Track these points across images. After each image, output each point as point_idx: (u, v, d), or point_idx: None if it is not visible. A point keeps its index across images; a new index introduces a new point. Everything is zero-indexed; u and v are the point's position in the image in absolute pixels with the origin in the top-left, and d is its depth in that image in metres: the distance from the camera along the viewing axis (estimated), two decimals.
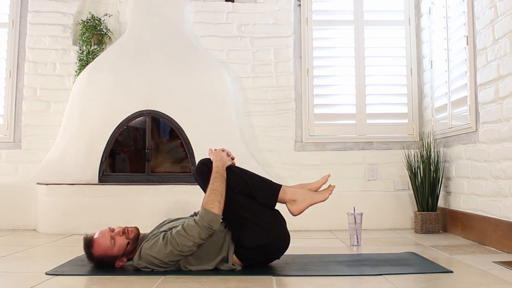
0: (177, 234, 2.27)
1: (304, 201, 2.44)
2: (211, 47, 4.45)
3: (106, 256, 2.35)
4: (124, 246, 2.35)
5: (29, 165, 4.31)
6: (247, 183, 2.43)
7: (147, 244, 2.34)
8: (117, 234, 2.35)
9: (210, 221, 2.26)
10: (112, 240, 2.34)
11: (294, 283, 2.12)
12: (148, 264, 2.33)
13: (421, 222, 3.78)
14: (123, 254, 2.37)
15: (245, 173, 2.49)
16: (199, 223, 2.26)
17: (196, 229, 2.25)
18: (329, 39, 4.52)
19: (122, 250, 2.35)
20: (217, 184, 2.35)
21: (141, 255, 2.34)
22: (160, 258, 2.29)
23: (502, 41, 2.94)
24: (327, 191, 2.48)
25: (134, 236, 2.38)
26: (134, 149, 4.31)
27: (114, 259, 2.36)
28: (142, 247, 2.35)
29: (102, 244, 2.33)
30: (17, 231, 3.96)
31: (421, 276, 2.26)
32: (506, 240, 2.87)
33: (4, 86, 4.45)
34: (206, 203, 2.30)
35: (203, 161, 2.54)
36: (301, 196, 2.44)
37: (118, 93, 4.19)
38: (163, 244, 2.28)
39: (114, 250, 2.34)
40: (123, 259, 2.39)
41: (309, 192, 2.47)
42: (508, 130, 2.87)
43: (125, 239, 2.35)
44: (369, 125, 4.38)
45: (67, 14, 4.51)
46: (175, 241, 2.26)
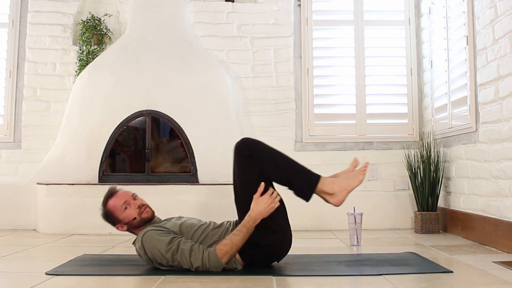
0: (181, 250, 2.27)
1: (342, 192, 2.36)
2: (211, 47, 4.45)
3: (111, 214, 2.46)
4: (131, 218, 2.44)
5: (29, 165, 4.31)
6: (285, 171, 2.36)
7: (153, 232, 2.32)
8: (133, 204, 2.46)
9: (213, 266, 2.26)
10: (125, 205, 2.44)
11: (294, 283, 2.12)
12: (143, 249, 2.33)
13: (421, 222, 3.78)
14: (127, 223, 2.45)
15: (284, 159, 2.40)
16: (204, 260, 2.25)
17: (199, 261, 2.26)
18: (329, 39, 4.52)
19: (127, 220, 2.45)
20: (238, 238, 2.29)
21: (143, 239, 2.33)
22: (156, 254, 2.30)
23: (502, 41, 2.94)
24: (360, 172, 2.40)
25: (145, 217, 2.46)
26: (134, 149, 4.31)
27: (117, 221, 2.46)
28: (146, 232, 2.34)
29: (116, 203, 2.46)
30: (17, 231, 3.96)
31: (421, 276, 2.26)
32: (506, 240, 2.87)
33: (4, 86, 4.45)
34: (220, 250, 2.27)
35: (248, 142, 2.42)
36: (337, 187, 2.36)
37: (118, 93, 4.19)
38: (167, 245, 2.28)
39: (121, 215, 2.45)
40: (124, 226, 2.47)
41: (345, 180, 2.38)
42: (508, 130, 2.87)
43: (135, 213, 2.43)
44: (369, 125, 4.38)
45: (67, 14, 4.51)
46: (178, 254, 2.27)
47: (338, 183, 2.37)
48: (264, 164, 2.37)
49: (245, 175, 2.40)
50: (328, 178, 2.40)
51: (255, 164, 2.37)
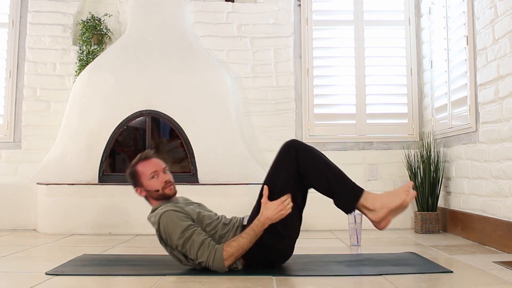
0: (193, 241, 2.25)
1: (383, 209, 2.25)
2: (211, 47, 4.45)
3: (138, 176, 2.49)
4: (153, 189, 2.46)
5: (29, 165, 4.31)
6: (329, 180, 2.31)
7: (173, 214, 2.31)
8: (162, 177, 2.47)
9: (216, 266, 2.25)
10: (154, 174, 2.47)
11: (294, 283, 2.12)
12: (158, 227, 2.33)
13: (421, 222, 3.78)
14: (147, 191, 2.47)
15: (329, 168, 2.35)
16: (209, 258, 2.24)
17: (204, 257, 2.25)
18: (329, 39, 4.52)
19: (149, 188, 2.46)
20: (245, 241, 2.27)
21: (160, 218, 2.31)
22: (169, 235, 2.29)
23: (502, 41, 2.94)
24: (403, 191, 2.27)
25: (167, 193, 2.47)
26: (134, 149, 4.30)
27: (140, 185, 2.48)
28: (166, 211, 2.33)
29: (146, 168, 2.48)
30: (17, 231, 3.96)
31: (421, 276, 2.25)
32: (506, 240, 2.87)
33: (4, 86, 4.45)
34: (227, 252, 2.25)
35: (297, 145, 2.40)
36: (379, 203, 2.26)
37: (118, 93, 4.19)
38: (182, 232, 2.26)
39: (146, 181, 2.46)
40: (143, 192, 2.49)
41: (387, 197, 2.28)
42: (508, 130, 2.87)
43: (159, 186, 2.45)
44: (369, 125, 4.38)
45: (67, 14, 4.51)
46: (188, 242, 2.26)
47: (380, 199, 2.29)
48: (308, 171, 2.33)
49: (281, 176, 2.35)
50: (371, 193, 2.32)
51: (297, 168, 2.33)
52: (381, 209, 2.26)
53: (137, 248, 3.24)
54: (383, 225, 2.29)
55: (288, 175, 2.34)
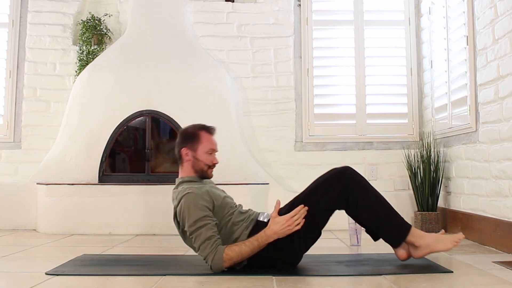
0: (200, 234, 2.26)
1: (426, 249, 2.36)
2: (211, 47, 4.45)
3: (197, 140, 2.46)
4: (203, 161, 2.45)
5: (29, 165, 4.32)
6: (377, 214, 2.35)
7: (196, 198, 2.30)
8: (214, 158, 2.48)
9: (214, 266, 2.25)
10: (212, 151, 2.47)
11: (294, 283, 2.12)
12: (178, 203, 2.34)
13: (421, 222, 3.78)
14: (193, 159, 2.45)
15: (378, 200, 2.37)
16: (208, 256, 2.25)
17: (204, 254, 2.26)
18: (329, 39, 4.52)
19: (198, 157, 2.44)
20: (247, 250, 2.27)
21: (183, 197, 2.32)
22: (183, 216, 2.30)
23: (502, 41, 2.94)
24: (452, 241, 2.37)
25: (208, 174, 2.48)
26: (134, 149, 4.31)
27: (193, 149, 2.45)
28: (190, 192, 2.32)
29: (209, 141, 2.48)
30: (17, 231, 3.96)
31: (421, 276, 2.25)
32: (506, 240, 2.87)
33: (4, 86, 4.45)
34: (227, 255, 2.25)
35: (349, 174, 2.40)
36: (424, 243, 2.35)
37: (118, 93, 4.19)
38: (195, 221, 2.27)
39: (201, 151, 2.45)
40: (188, 156, 2.46)
41: (434, 239, 2.36)
42: (508, 130, 2.87)
43: (208, 163, 2.46)
44: (369, 125, 4.38)
45: (67, 14, 4.51)
46: (195, 233, 2.27)
47: (426, 239, 2.36)
48: (357, 202, 2.34)
49: (325, 200, 2.35)
50: (418, 231, 2.39)
51: (346, 197, 2.34)
52: (424, 248, 2.36)
53: (137, 248, 3.24)
54: (417, 257, 2.40)
55: (332, 200, 2.35)
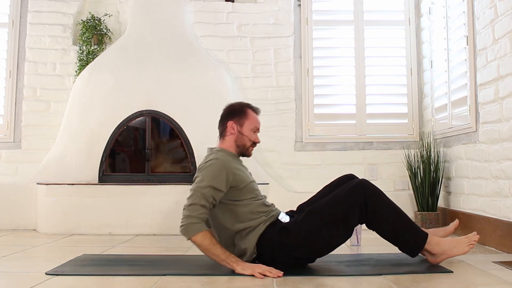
0: (198, 195, 2.30)
1: (443, 255, 2.39)
2: (211, 47, 4.45)
3: (242, 115, 2.52)
4: (247, 137, 2.50)
5: (29, 165, 4.32)
6: (395, 228, 2.36)
7: (224, 167, 2.34)
8: (257, 137, 2.54)
9: (182, 230, 2.27)
10: (256, 130, 2.53)
11: (294, 283, 2.12)
12: (208, 161, 2.38)
13: (421, 222, 3.78)
14: (238, 134, 2.50)
15: (396, 213, 2.38)
16: (186, 220, 2.27)
17: (186, 213, 2.29)
18: (329, 39, 4.52)
19: (243, 133, 2.50)
20: (213, 252, 2.26)
21: (213, 158, 2.36)
22: (202, 172, 2.34)
23: (502, 41, 2.94)
24: (467, 244, 2.41)
25: (248, 152, 2.54)
26: (134, 149, 4.31)
27: (240, 124, 2.50)
28: (222, 159, 2.37)
29: (255, 118, 2.53)
30: (17, 231, 3.96)
31: (421, 276, 2.25)
32: (506, 240, 2.87)
33: (4, 86, 4.45)
34: (198, 238, 2.24)
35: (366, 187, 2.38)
36: (441, 250, 2.38)
37: (118, 93, 4.19)
38: (208, 181, 2.30)
39: (246, 126, 2.50)
40: (234, 130, 2.50)
41: (450, 245, 2.39)
42: (508, 130, 2.87)
43: (250, 140, 2.51)
44: (369, 125, 4.38)
45: (67, 14, 4.51)
46: (196, 193, 2.30)
47: (443, 245, 2.39)
48: (375, 216, 2.34)
49: (341, 213, 2.33)
50: (434, 238, 2.40)
51: (364, 211, 2.33)
52: (441, 254, 2.39)
53: (137, 248, 3.24)
54: (436, 263, 2.42)
55: (354, 218, 2.34)
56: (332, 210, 2.34)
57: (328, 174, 4.30)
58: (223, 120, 2.55)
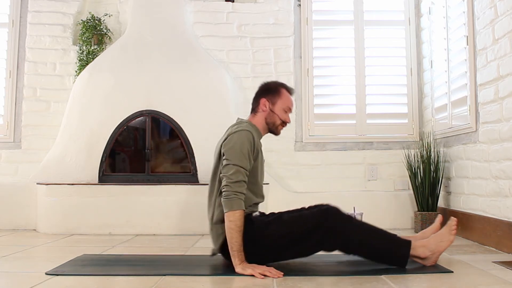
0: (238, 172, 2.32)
1: (435, 254, 2.38)
2: (211, 47, 4.45)
3: (276, 94, 2.56)
4: (278, 115, 2.52)
5: (29, 165, 4.32)
6: (373, 246, 2.34)
7: (251, 139, 2.38)
8: (288, 117, 2.55)
9: (231, 202, 2.28)
10: (288, 110, 2.55)
11: (294, 283, 2.12)
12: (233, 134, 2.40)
13: (421, 222, 3.78)
14: (269, 112, 2.53)
15: (369, 233, 2.35)
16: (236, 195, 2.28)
17: (235, 188, 2.30)
18: (329, 39, 4.52)
19: (275, 111, 2.52)
20: (235, 236, 2.27)
21: (240, 132, 2.39)
22: (231, 147, 2.36)
23: (502, 41, 2.94)
24: (449, 232, 2.40)
25: (277, 130, 2.56)
26: (134, 149, 4.31)
27: (273, 103, 2.53)
28: (248, 131, 2.40)
29: (288, 99, 2.56)
30: (17, 231, 3.96)
31: (421, 276, 2.25)
32: (506, 240, 2.87)
33: (4, 86, 4.45)
34: (232, 213, 2.27)
35: (329, 215, 2.33)
36: (429, 250, 2.37)
37: (118, 93, 4.19)
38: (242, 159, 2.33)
39: (278, 106, 2.53)
40: (266, 107, 2.54)
41: (435, 242, 2.38)
42: (508, 130, 2.87)
43: (280, 119, 2.52)
44: (369, 125, 4.38)
45: (67, 14, 4.51)
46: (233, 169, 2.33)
47: (429, 246, 2.38)
48: (348, 238, 2.32)
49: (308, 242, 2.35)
50: (418, 242, 2.39)
51: (327, 235, 2.31)
52: (432, 254, 2.38)
53: (137, 248, 3.24)
54: (434, 264, 2.40)
55: (311, 235, 2.33)
56: (296, 226, 2.34)
57: (328, 174, 4.33)
58: (257, 96, 2.60)
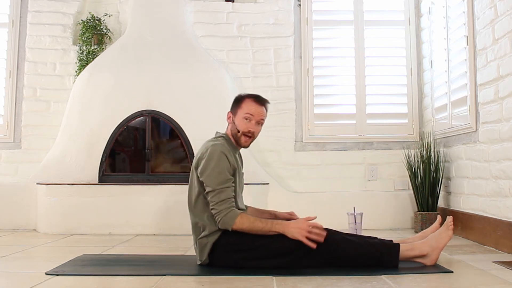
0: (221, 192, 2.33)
1: (435, 250, 2.40)
2: (211, 47, 4.45)
3: (238, 104, 2.54)
4: (237, 126, 2.49)
5: (29, 165, 4.31)
6: (362, 252, 2.36)
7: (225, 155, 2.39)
8: (250, 125, 2.47)
9: (223, 221, 2.31)
10: (248, 116, 2.47)
11: (294, 283, 2.12)
12: (205, 152, 2.43)
13: (421, 222, 3.78)
14: (233, 122, 2.53)
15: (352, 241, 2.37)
16: (222, 211, 2.31)
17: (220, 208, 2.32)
18: (329, 39, 4.52)
19: (235, 121, 2.51)
20: (260, 226, 2.32)
21: (211, 149, 2.41)
22: (206, 169, 2.38)
23: (502, 41, 2.94)
24: (447, 228, 2.43)
25: (240, 140, 2.50)
26: (134, 149, 4.31)
27: (233, 112, 2.54)
28: (219, 147, 2.42)
29: (248, 106, 2.49)
30: (17, 231, 3.96)
31: (421, 276, 2.25)
32: (506, 240, 2.87)
33: (4, 86, 4.45)
34: (240, 221, 2.30)
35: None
36: (428, 247, 2.39)
37: (118, 93, 4.19)
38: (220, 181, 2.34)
39: (238, 115, 2.50)
40: (229, 119, 2.56)
41: (435, 239, 2.41)
42: (508, 130, 2.87)
43: (241, 129, 2.48)
44: (369, 125, 4.38)
45: (67, 14, 4.51)
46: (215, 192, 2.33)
47: (428, 243, 2.40)
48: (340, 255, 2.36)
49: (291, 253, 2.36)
50: (416, 243, 2.42)
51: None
52: (433, 251, 2.39)
53: (137, 248, 3.24)
54: (435, 262, 2.42)
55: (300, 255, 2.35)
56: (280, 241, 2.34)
57: (328, 174, 4.33)
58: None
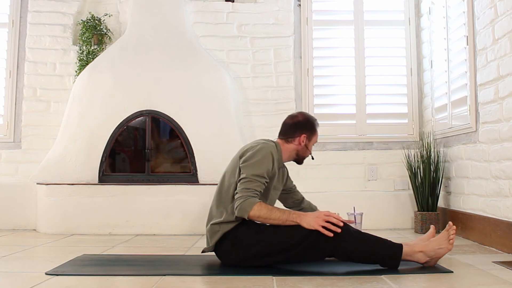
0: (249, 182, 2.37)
1: (433, 259, 2.39)
2: (211, 47, 4.45)
3: (313, 132, 2.64)
4: (308, 150, 2.64)
5: (29, 165, 4.31)
6: (368, 250, 2.35)
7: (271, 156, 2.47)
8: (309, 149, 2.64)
9: (241, 206, 2.31)
10: (314, 144, 2.69)
11: (294, 283, 2.12)
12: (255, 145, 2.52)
13: (421, 222, 3.78)
14: (305, 146, 2.62)
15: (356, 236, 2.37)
16: (241, 197, 2.33)
17: (241, 193, 2.35)
18: (329, 39, 4.52)
19: (308, 146, 2.63)
20: (277, 215, 2.33)
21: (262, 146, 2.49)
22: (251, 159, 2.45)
23: (502, 41, 2.94)
24: (448, 242, 2.39)
25: (300, 161, 2.70)
26: (134, 149, 4.31)
27: (309, 137, 2.62)
28: (271, 147, 2.51)
29: (317, 135, 2.67)
30: (17, 231, 3.96)
31: (421, 276, 2.26)
32: (506, 240, 2.87)
33: (4, 86, 4.45)
34: (259, 206, 2.31)
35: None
36: (428, 256, 2.38)
37: (118, 93, 4.19)
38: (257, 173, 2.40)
39: (311, 142, 2.65)
40: (303, 142, 2.61)
41: (433, 247, 2.39)
42: (508, 130, 2.87)
43: (308, 154, 2.66)
44: (369, 125, 4.38)
45: (67, 14, 4.51)
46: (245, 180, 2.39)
47: (428, 252, 2.38)
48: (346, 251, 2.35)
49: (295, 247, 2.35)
50: (417, 246, 2.40)
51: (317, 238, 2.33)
52: (431, 259, 2.39)
53: (137, 248, 3.24)
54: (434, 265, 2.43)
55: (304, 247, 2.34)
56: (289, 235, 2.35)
57: (328, 174, 4.33)
58: (296, 128, 2.62)
